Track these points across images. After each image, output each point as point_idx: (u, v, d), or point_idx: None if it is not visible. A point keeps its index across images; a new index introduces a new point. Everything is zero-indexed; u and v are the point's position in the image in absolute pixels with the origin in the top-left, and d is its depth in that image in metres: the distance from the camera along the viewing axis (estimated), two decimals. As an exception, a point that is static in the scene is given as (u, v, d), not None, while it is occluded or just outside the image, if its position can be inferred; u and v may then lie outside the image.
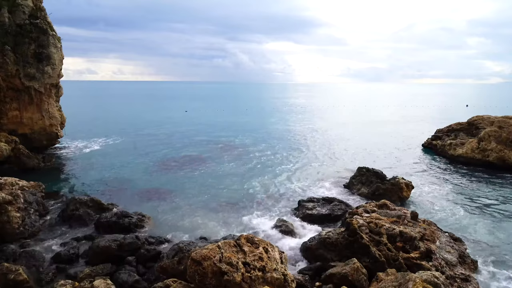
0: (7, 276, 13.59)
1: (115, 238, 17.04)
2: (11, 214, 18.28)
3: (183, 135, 53.08)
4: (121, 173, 31.68)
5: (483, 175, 31.42)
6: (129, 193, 26.47)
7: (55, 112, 37.81)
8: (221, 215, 22.42)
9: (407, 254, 14.77)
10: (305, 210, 21.93)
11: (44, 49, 34.90)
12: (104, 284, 12.77)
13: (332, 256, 15.97)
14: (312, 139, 50.39)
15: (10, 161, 31.46)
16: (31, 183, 22.22)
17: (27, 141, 35.25)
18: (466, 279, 14.07)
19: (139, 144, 45.48)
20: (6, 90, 34.07)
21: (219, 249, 12.33)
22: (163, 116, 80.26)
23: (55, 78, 36.86)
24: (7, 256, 16.08)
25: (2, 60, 32.53)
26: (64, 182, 29.31)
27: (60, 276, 15.15)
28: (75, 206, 21.41)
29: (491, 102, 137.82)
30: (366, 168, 27.60)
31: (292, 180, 30.23)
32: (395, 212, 18.45)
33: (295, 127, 64.07)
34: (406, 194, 25.03)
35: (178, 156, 38.85)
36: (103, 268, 15.35)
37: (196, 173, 31.96)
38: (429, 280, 11.55)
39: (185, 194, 26.21)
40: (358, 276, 13.66)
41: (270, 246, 13.40)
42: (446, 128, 43.49)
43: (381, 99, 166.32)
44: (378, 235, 15.71)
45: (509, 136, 34.32)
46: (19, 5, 34.24)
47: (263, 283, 11.83)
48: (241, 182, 29.41)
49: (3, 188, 19.56)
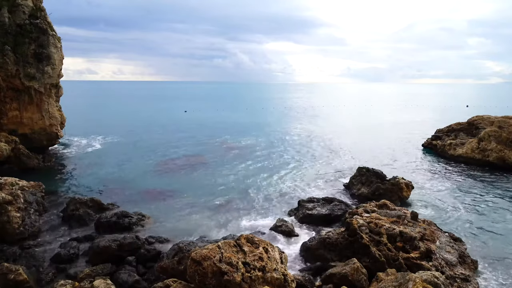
0: (7, 276, 13.59)
1: (115, 238, 17.04)
2: (11, 214, 18.28)
3: (183, 135, 53.07)
4: (121, 173, 31.68)
5: (483, 175, 31.42)
6: (129, 193, 26.47)
7: (55, 112, 37.81)
8: (221, 215, 22.42)
9: (407, 254, 14.77)
10: (305, 210, 21.91)
11: (44, 49, 34.90)
12: (104, 284, 12.76)
13: (332, 256, 15.98)
14: (312, 139, 50.39)
15: (10, 161, 31.46)
16: (31, 183, 22.23)
17: (27, 141, 35.24)
18: (466, 279, 14.07)
19: (139, 144, 45.49)
20: (6, 90, 34.07)
21: (219, 249, 12.33)
22: (163, 116, 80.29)
23: (55, 78, 36.86)
24: (7, 256, 16.09)
25: (2, 60, 32.52)
26: (64, 182, 29.31)
27: (60, 276, 15.15)
28: (75, 206, 21.41)
29: (491, 102, 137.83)
30: (366, 168, 27.59)
31: (292, 180, 30.23)
32: (395, 212, 18.45)
33: (295, 127, 64.07)
34: (406, 194, 25.02)
35: (178, 156, 38.85)
36: (103, 268, 15.34)
37: (196, 173, 31.96)
38: (429, 280, 11.55)
39: (185, 194, 26.20)
40: (358, 276, 13.66)
41: (270, 246, 13.40)
42: (446, 128, 43.49)
43: (381, 99, 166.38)
44: (378, 235, 15.71)
45: (509, 136, 34.33)
46: (19, 5, 34.23)
47: (263, 283, 11.83)
48: (241, 182, 29.41)
49: (3, 188, 19.57)
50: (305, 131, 58.80)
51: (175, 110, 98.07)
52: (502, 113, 50.45)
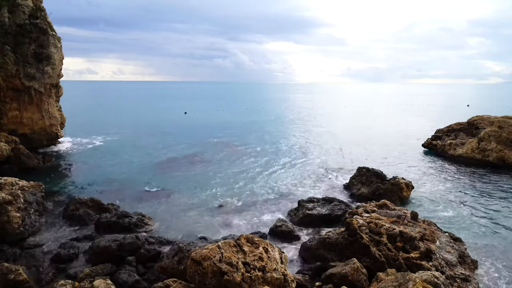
0: (7, 276, 13.59)
1: (115, 238, 17.04)
2: (11, 214, 18.28)
3: (183, 135, 53.10)
4: (121, 173, 31.68)
5: (483, 175, 31.40)
6: (129, 193, 26.47)
7: (55, 112, 37.82)
8: (221, 215, 22.44)
9: (407, 254, 14.77)
10: (305, 210, 21.90)
11: (44, 49, 34.92)
12: (104, 284, 12.76)
13: (332, 256, 15.97)
14: (312, 139, 50.40)
15: (10, 161, 31.47)
16: (31, 183, 22.23)
17: (27, 141, 35.26)
18: (466, 279, 14.06)
19: (139, 144, 45.49)
20: (6, 90, 34.09)
21: (219, 249, 12.32)
22: (163, 116, 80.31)
23: (55, 78, 36.88)
24: (7, 256, 16.09)
25: (2, 60, 32.54)
26: (64, 182, 29.31)
27: (60, 276, 15.16)
28: (75, 206, 21.42)
29: (491, 102, 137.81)
30: (366, 168, 27.59)
31: (292, 180, 30.23)
32: (395, 212, 18.45)
33: (295, 127, 64.09)
34: (406, 194, 25.03)
35: (178, 156, 38.85)
36: (103, 268, 15.34)
37: (196, 173, 31.95)
38: (429, 280, 11.54)
39: (185, 194, 26.22)
40: (358, 276, 13.65)
41: (270, 246, 13.40)
42: (446, 128, 43.48)
43: (381, 99, 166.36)
44: (378, 235, 15.71)
45: (509, 136, 34.33)
46: (19, 5, 34.25)
47: (263, 283, 11.83)
48: (241, 182, 29.41)
49: (3, 188, 19.57)
50: (305, 131, 58.82)
51: (175, 110, 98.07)
52: (502, 113, 50.46)
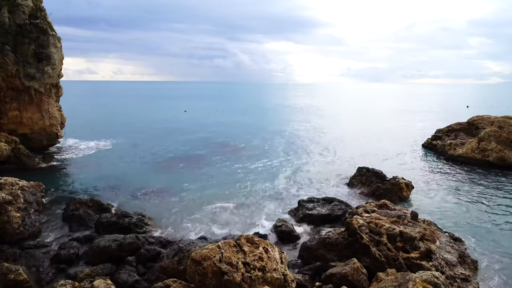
0: (7, 276, 13.58)
1: (115, 238, 17.04)
2: (11, 214, 18.28)
3: (182, 135, 53.08)
4: (121, 173, 31.66)
5: (483, 175, 31.41)
6: (129, 193, 26.47)
7: (55, 112, 37.80)
8: (221, 215, 22.44)
9: (407, 254, 14.76)
10: (305, 210, 21.92)
11: (44, 49, 34.89)
12: (104, 284, 12.76)
13: (332, 256, 15.96)
14: (311, 139, 50.39)
15: (10, 161, 31.47)
16: (31, 183, 22.23)
17: (27, 141, 35.24)
18: (466, 279, 14.06)
19: (139, 144, 45.49)
20: (6, 90, 34.06)
21: (219, 249, 12.32)
22: (163, 116, 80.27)
23: (55, 78, 36.86)
24: (7, 256, 16.09)
25: (2, 60, 32.52)
26: (64, 182, 29.31)
27: (60, 276, 15.17)
28: (75, 206, 21.42)
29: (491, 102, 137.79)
30: (366, 168, 27.59)
31: (292, 180, 30.23)
32: (395, 212, 18.45)
33: (295, 127, 64.05)
34: (406, 194, 25.03)
35: (178, 156, 38.85)
36: (103, 268, 15.34)
37: (196, 173, 31.95)
38: (429, 280, 11.54)
39: (185, 194, 26.21)
40: (358, 276, 13.65)
41: (270, 246, 13.39)
42: (446, 128, 43.50)
43: (381, 99, 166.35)
44: (378, 235, 15.70)
45: (509, 136, 34.32)
46: (19, 5, 34.22)
47: (263, 283, 11.82)
48: (240, 182, 29.40)
49: (3, 188, 19.57)
50: (305, 131, 58.79)
51: (175, 110, 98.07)
52: (502, 113, 50.46)
